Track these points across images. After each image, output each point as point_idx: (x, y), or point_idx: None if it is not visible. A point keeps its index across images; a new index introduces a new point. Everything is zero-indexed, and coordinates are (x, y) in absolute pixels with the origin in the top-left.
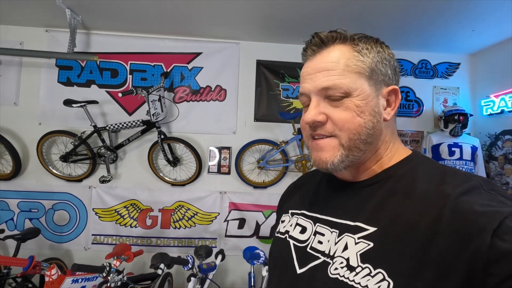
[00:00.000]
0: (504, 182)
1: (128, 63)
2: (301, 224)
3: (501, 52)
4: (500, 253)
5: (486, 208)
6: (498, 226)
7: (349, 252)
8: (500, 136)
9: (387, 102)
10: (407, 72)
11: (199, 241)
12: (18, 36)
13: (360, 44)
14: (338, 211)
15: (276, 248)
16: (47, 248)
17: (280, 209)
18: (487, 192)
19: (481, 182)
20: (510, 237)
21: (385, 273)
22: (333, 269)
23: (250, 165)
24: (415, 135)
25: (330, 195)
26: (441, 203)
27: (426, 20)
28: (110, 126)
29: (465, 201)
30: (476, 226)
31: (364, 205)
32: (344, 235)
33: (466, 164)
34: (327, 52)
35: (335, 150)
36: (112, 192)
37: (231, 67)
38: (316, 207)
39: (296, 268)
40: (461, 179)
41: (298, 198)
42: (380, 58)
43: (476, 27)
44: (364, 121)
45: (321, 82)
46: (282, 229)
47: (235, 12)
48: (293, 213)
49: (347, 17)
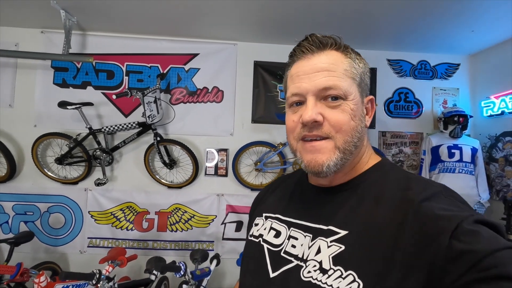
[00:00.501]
0: (504, 184)
1: (124, 65)
2: (276, 228)
3: (501, 53)
4: (457, 252)
5: (446, 212)
6: (455, 228)
7: (321, 255)
8: (500, 137)
9: (366, 110)
10: (406, 73)
11: (196, 244)
12: (14, 37)
13: (352, 53)
14: (312, 216)
15: (249, 251)
16: (42, 252)
17: (253, 211)
18: (446, 197)
19: (441, 188)
20: (466, 238)
21: (355, 274)
22: (306, 272)
23: (248, 167)
24: (414, 136)
25: (305, 200)
26: (406, 208)
27: (425, 21)
28: (106, 128)
29: (427, 206)
30: (437, 229)
31: (337, 210)
32: (317, 239)
33: (466, 166)
34: (325, 55)
35: (331, 153)
36: (108, 194)
37: (228, 68)
38: (291, 212)
39: (269, 272)
40: (424, 185)
41: (272, 202)
42: (365, 69)
43: (476, 28)
44: (355, 125)
45: (322, 81)
46: (255, 232)
47: (232, 13)
48: (267, 216)
49: (346, 19)
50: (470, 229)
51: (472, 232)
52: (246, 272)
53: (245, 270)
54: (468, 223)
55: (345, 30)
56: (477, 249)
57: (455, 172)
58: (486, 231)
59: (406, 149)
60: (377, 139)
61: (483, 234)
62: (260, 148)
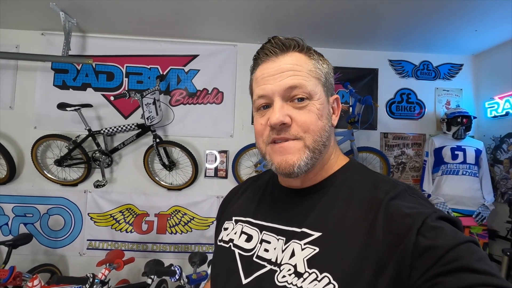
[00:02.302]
0: (509, 186)
1: (124, 66)
2: (247, 232)
3: (505, 53)
4: (422, 248)
5: (411, 210)
6: (421, 225)
7: (296, 258)
8: (505, 139)
9: (332, 110)
10: (408, 73)
11: (196, 246)
12: (14, 39)
13: (315, 54)
14: (285, 218)
15: (219, 257)
16: (41, 254)
17: (221, 215)
18: (411, 195)
19: (405, 187)
20: (430, 234)
21: (330, 276)
22: (281, 276)
23: (248, 169)
24: (417, 138)
25: (276, 202)
26: (375, 207)
27: (427, 21)
28: (105, 129)
29: (395, 204)
30: (404, 226)
31: (309, 212)
32: (291, 242)
33: (470, 168)
34: (289, 56)
35: (301, 153)
36: (107, 196)
37: (228, 70)
38: (262, 215)
39: (241, 279)
40: (390, 185)
41: (242, 205)
42: (328, 70)
43: (479, 28)
44: (323, 124)
45: (287, 81)
46: (225, 237)
47: (232, 14)
48: (237, 220)
49: (347, 19)
50: (434, 225)
51: (436, 228)
52: (217, 280)
53: (216, 277)
54: (432, 220)
55: (345, 30)
56: (440, 244)
57: (459, 174)
58: (448, 226)
59: (408, 151)
60: (379, 141)
61: (445, 230)
62: None
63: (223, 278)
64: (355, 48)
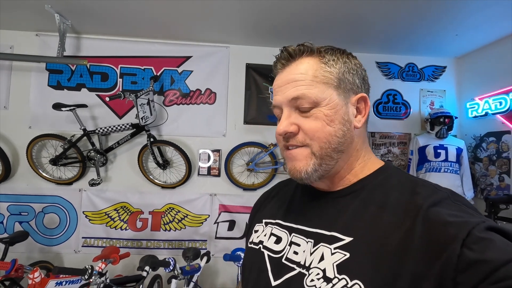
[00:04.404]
0: (488, 183)
1: (118, 67)
2: (276, 234)
3: (485, 56)
4: (468, 262)
5: (455, 218)
6: (467, 236)
7: (325, 263)
8: (484, 138)
9: (357, 110)
10: (395, 75)
11: (189, 243)
12: (9, 40)
13: (326, 56)
14: (314, 220)
15: (249, 259)
16: (37, 252)
17: (252, 218)
18: (454, 203)
19: (448, 193)
20: (477, 247)
21: (362, 284)
22: (309, 280)
23: (240, 168)
24: (403, 137)
25: (306, 205)
26: (413, 214)
27: (412, 25)
28: (100, 129)
29: (436, 211)
30: (447, 236)
31: (339, 215)
32: (320, 245)
33: (451, 166)
34: (296, 65)
35: (308, 159)
36: (102, 195)
37: (221, 71)
38: (291, 217)
39: (270, 280)
40: (431, 190)
41: (272, 208)
42: (346, 68)
43: (460, 32)
44: (334, 130)
45: (291, 92)
46: (255, 239)
47: (224, 16)
48: (267, 222)
49: (337, 22)
50: (482, 237)
51: (484, 240)
52: (248, 281)
53: (247, 279)
54: (480, 231)
55: (335, 33)
56: (490, 259)
57: (441, 171)
58: (498, 239)
59: (394, 149)
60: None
61: (495, 242)
62: (252, 148)
63: (253, 279)
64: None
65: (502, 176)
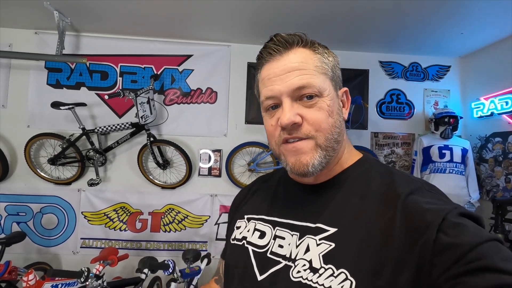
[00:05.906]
0: (494, 184)
1: (118, 65)
2: (260, 229)
3: (490, 55)
4: (443, 245)
5: (431, 205)
6: (442, 221)
7: (311, 254)
8: (490, 138)
9: (342, 103)
10: (398, 74)
11: (189, 244)
12: (7, 38)
13: (319, 48)
14: (298, 214)
15: (233, 256)
16: (34, 252)
17: (233, 215)
18: (428, 191)
19: (422, 182)
20: (452, 231)
21: (347, 272)
22: (296, 272)
23: (241, 168)
24: (406, 137)
25: (289, 199)
26: (393, 202)
27: (416, 23)
28: (99, 128)
29: (413, 199)
30: (425, 222)
31: (324, 207)
32: (305, 237)
33: (457, 167)
34: (293, 54)
35: (314, 152)
36: (101, 195)
37: (222, 70)
38: (275, 211)
39: (256, 275)
40: (406, 180)
41: (254, 203)
42: (335, 62)
43: (465, 30)
44: (334, 121)
45: (295, 81)
46: (238, 235)
47: (225, 15)
48: (249, 218)
49: (339, 21)
50: (456, 222)
51: (457, 225)
52: (233, 278)
53: (231, 275)
54: (453, 216)
55: (337, 32)
56: (462, 242)
57: (446, 172)
58: (470, 224)
59: (398, 150)
60: (369, 140)
61: (468, 227)
62: (253, 148)
63: (238, 275)
64: (346, 50)
65: (508, 177)
